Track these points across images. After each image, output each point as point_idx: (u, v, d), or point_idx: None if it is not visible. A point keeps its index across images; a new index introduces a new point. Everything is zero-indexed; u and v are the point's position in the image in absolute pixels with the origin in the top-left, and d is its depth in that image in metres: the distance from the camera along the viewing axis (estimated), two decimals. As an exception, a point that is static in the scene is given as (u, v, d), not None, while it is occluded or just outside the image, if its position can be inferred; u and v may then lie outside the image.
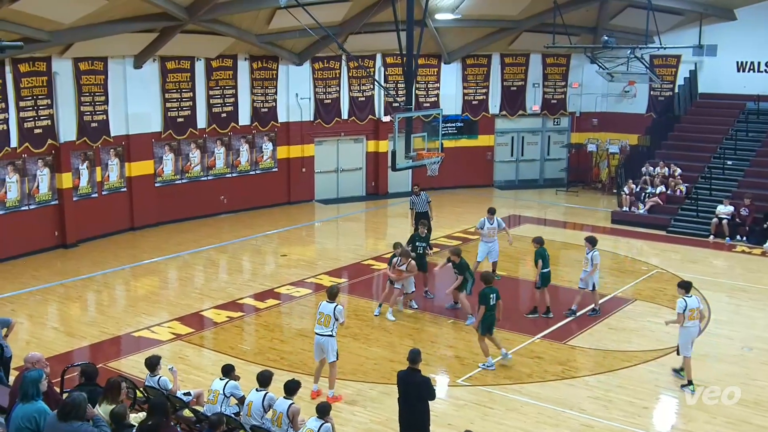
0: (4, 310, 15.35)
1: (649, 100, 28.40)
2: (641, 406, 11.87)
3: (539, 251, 15.48)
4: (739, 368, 13.27)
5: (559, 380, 12.76)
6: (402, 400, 9.82)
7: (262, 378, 9.96)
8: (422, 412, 9.72)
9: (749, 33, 25.69)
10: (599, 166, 29.11)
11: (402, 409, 9.82)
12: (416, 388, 9.68)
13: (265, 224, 23.37)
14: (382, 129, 27.01)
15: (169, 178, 23.27)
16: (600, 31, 26.59)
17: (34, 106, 19.51)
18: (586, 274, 15.49)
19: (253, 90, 24.72)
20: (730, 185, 23.47)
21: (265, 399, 9.76)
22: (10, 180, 19.33)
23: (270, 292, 17.22)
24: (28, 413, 7.67)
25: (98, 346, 14.27)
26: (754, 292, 17.62)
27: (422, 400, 9.70)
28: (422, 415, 9.72)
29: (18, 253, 19.36)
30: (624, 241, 22.16)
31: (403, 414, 9.80)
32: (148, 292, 17.65)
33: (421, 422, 9.71)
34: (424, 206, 19.28)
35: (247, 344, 14.52)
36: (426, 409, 9.74)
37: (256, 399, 9.79)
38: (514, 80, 28.91)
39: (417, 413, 9.69)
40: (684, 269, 18.68)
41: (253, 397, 9.86)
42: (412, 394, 9.71)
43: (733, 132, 25.32)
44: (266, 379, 9.95)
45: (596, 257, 15.36)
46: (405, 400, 9.78)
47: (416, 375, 9.79)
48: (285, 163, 25.88)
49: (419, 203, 19.30)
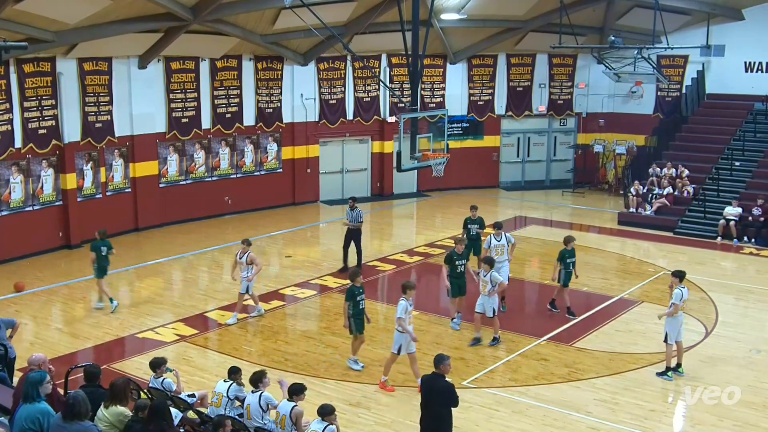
0: (8, 311, 15.31)
1: (657, 101, 28.27)
2: (648, 408, 11.76)
3: (562, 250, 15.39)
4: (747, 371, 13.15)
5: (565, 382, 12.66)
6: (423, 404, 9.66)
7: (254, 379, 9.90)
8: (445, 419, 9.55)
9: (757, 33, 25.57)
10: (606, 167, 28.99)
11: (423, 412, 9.67)
12: (439, 393, 9.53)
13: (269, 225, 23.32)
14: (387, 129, 26.95)
15: (173, 178, 23.24)
16: (607, 31, 26.50)
17: (39, 107, 19.50)
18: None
19: (258, 90, 24.68)
20: (738, 186, 23.33)
21: (262, 399, 9.71)
22: (15, 180, 19.31)
23: (275, 294, 17.15)
24: (31, 414, 7.63)
25: (102, 347, 14.24)
26: (762, 294, 17.50)
27: (445, 406, 9.54)
28: (445, 422, 9.56)
29: (22, 254, 19.34)
30: (631, 242, 22.04)
31: (423, 417, 9.67)
32: (152, 293, 17.61)
33: (442, 428, 9.56)
34: (354, 222, 18.41)
35: (252, 346, 14.44)
36: (449, 415, 9.56)
37: (253, 400, 9.74)
38: (520, 80, 28.80)
39: (439, 419, 9.55)
40: (691, 271, 18.45)
41: (249, 399, 9.80)
42: (435, 400, 9.56)
43: (740, 133, 25.18)
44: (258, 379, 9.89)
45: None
46: (426, 404, 9.62)
47: (440, 380, 9.62)
48: (290, 163, 25.83)
49: (350, 218, 18.48)
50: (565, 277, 15.39)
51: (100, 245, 15.97)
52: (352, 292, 12.97)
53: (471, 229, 17.39)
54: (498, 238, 15.51)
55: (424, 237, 22.52)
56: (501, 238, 15.52)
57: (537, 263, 19.68)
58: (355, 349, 13.25)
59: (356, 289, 12.98)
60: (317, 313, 16.37)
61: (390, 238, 23.26)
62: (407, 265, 19.58)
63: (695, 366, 13.18)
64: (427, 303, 16.62)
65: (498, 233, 15.58)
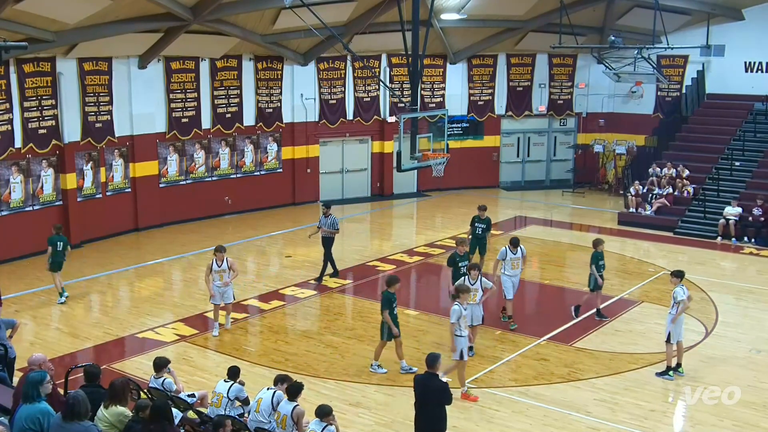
0: (8, 311, 15.27)
1: (657, 101, 28.26)
2: (648, 408, 11.75)
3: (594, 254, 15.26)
4: (747, 371, 13.14)
5: (565, 383, 12.65)
6: (419, 405, 9.66)
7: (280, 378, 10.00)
8: (441, 418, 9.59)
9: (757, 33, 25.57)
10: (606, 167, 28.98)
11: (418, 412, 9.68)
12: (435, 393, 9.56)
13: (269, 225, 23.31)
14: (387, 129, 26.94)
15: (173, 178, 23.23)
16: (607, 31, 26.49)
17: (39, 107, 19.49)
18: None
19: (258, 90, 24.68)
20: (738, 186, 23.32)
21: (275, 397, 9.75)
22: (15, 180, 19.30)
23: (275, 294, 17.15)
24: (31, 414, 7.63)
25: (102, 347, 14.23)
26: (762, 294, 17.48)
27: (440, 405, 9.57)
28: (442, 421, 9.59)
29: (22, 254, 19.31)
30: (631, 242, 22.04)
31: (420, 419, 9.67)
32: (153, 293, 17.61)
33: (438, 428, 9.60)
34: (330, 229, 17.63)
35: (252, 346, 14.44)
36: (444, 413, 9.61)
37: (266, 397, 9.78)
38: (520, 80, 28.80)
39: (435, 419, 9.57)
40: (691, 271, 18.46)
41: (263, 394, 9.85)
42: (430, 399, 9.58)
43: (740, 133, 25.17)
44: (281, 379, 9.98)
45: None
46: (423, 404, 9.63)
47: (435, 379, 9.66)
48: (290, 163, 25.83)
49: (325, 225, 17.68)
50: (595, 281, 15.24)
51: (56, 240, 16.22)
52: (389, 300, 12.63)
53: (477, 228, 17.37)
54: (514, 252, 15.06)
55: (424, 237, 22.52)
56: (517, 252, 15.07)
57: (537, 263, 19.67)
58: (377, 354, 13.04)
59: (392, 296, 12.68)
60: (317, 313, 16.37)
61: (390, 238, 23.26)
62: (407, 265, 19.58)
63: (695, 366, 13.18)
64: (428, 303, 16.58)
65: (514, 249, 15.06)
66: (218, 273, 14.45)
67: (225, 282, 14.50)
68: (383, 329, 12.85)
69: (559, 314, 15.64)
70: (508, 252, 15.04)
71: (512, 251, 15.03)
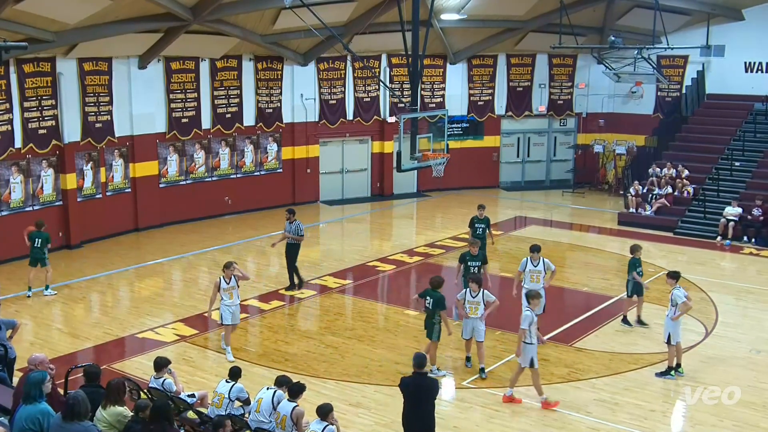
0: (8, 311, 15.29)
1: (657, 101, 28.26)
2: (648, 408, 11.76)
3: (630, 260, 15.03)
4: (747, 371, 13.14)
5: (565, 383, 12.65)
6: (411, 405, 9.68)
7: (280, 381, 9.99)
8: (432, 416, 9.69)
9: (757, 33, 25.56)
10: (606, 167, 28.97)
11: (410, 413, 9.69)
12: (428, 391, 9.62)
13: (269, 225, 23.28)
14: (387, 130, 26.94)
15: (173, 178, 23.23)
16: (607, 32, 26.49)
17: (39, 107, 19.49)
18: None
19: (258, 90, 24.68)
20: (738, 186, 23.31)
21: (275, 397, 9.76)
22: (15, 181, 19.30)
23: (275, 294, 17.14)
24: (31, 415, 7.64)
25: (102, 347, 14.23)
26: (762, 294, 17.48)
27: (432, 403, 9.66)
28: (432, 419, 9.70)
29: (22, 254, 19.26)
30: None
31: (411, 418, 9.69)
32: (153, 293, 17.60)
33: (431, 425, 9.70)
34: (295, 235, 16.86)
35: (252, 346, 14.44)
36: (433, 410, 9.71)
37: (266, 397, 9.79)
38: (520, 81, 28.80)
39: (427, 416, 9.65)
40: (691, 271, 18.52)
41: (263, 394, 9.86)
42: (423, 398, 9.62)
43: (740, 133, 25.16)
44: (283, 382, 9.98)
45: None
46: (415, 404, 9.65)
47: (425, 379, 9.74)
48: (290, 163, 25.83)
49: (290, 231, 16.91)
50: (633, 287, 14.98)
51: (36, 236, 16.42)
52: (442, 302, 12.59)
53: (477, 228, 17.39)
54: (535, 263, 14.05)
55: (424, 237, 22.51)
56: (538, 263, 14.05)
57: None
58: (433, 357, 12.78)
59: (443, 298, 12.62)
60: (317, 313, 16.37)
61: (390, 238, 23.26)
62: (407, 265, 19.58)
63: (695, 366, 13.18)
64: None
65: (535, 257, 14.09)
66: (227, 291, 13.39)
67: (236, 303, 13.50)
68: (432, 330, 12.68)
69: (559, 314, 15.61)
70: (528, 263, 14.11)
71: (533, 262, 14.05)
